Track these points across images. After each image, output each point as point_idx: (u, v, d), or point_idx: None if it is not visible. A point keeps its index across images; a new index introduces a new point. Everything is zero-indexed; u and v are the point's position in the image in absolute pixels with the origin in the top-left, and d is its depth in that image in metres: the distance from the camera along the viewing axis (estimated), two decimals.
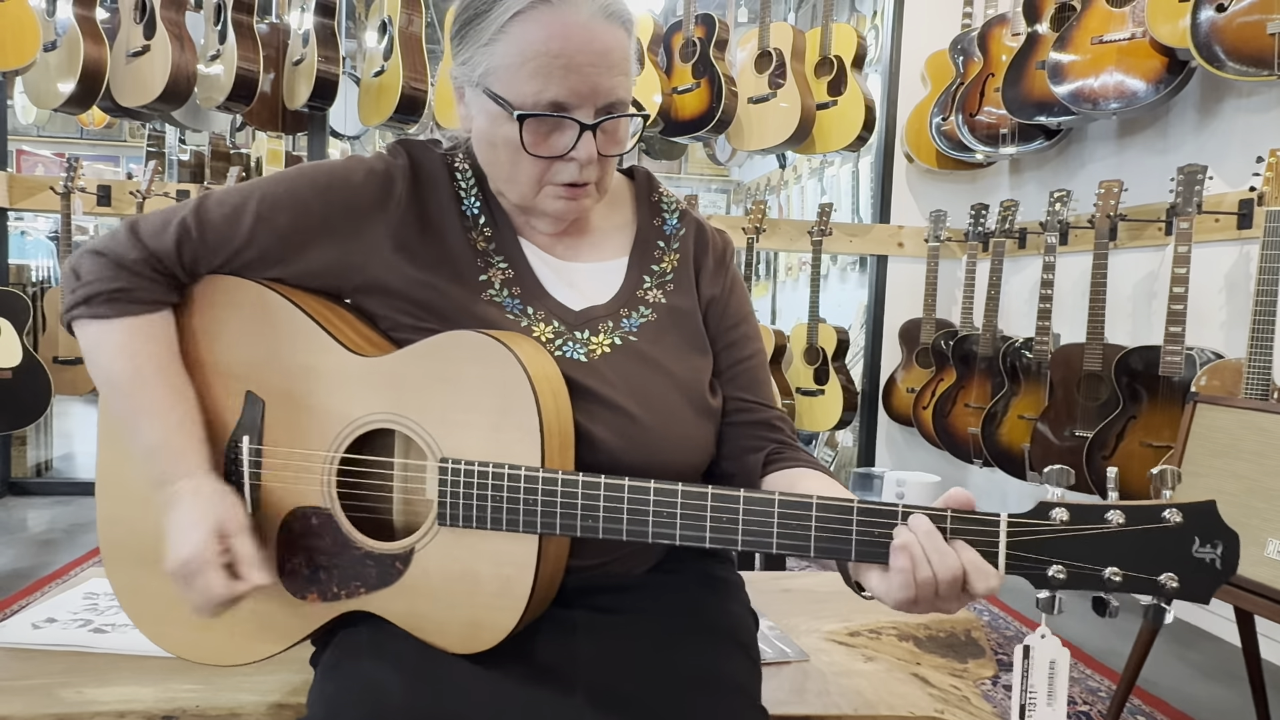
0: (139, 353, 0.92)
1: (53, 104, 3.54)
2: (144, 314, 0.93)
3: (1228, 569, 0.72)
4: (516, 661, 0.87)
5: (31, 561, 2.85)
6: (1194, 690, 2.21)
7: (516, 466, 0.84)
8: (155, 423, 0.91)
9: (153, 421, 0.91)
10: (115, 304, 0.91)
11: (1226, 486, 1.68)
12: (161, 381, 0.92)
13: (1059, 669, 0.82)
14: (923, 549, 0.76)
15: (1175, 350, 2.34)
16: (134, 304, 0.92)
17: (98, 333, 0.93)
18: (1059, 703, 0.83)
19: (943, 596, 0.76)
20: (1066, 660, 0.82)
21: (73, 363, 3.51)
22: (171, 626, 0.98)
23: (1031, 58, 2.99)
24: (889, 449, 3.99)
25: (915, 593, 0.76)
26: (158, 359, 0.93)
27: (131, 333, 0.92)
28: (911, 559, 0.76)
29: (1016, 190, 3.66)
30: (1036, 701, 0.82)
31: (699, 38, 3.62)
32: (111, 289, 0.91)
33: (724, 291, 1.05)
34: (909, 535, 0.76)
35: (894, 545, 0.77)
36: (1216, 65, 2.31)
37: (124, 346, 0.92)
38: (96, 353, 0.93)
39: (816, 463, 1.00)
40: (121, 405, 0.93)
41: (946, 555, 0.76)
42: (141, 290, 0.92)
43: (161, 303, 0.94)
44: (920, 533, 0.76)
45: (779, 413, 1.05)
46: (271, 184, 0.96)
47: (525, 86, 0.88)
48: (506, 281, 0.97)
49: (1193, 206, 2.36)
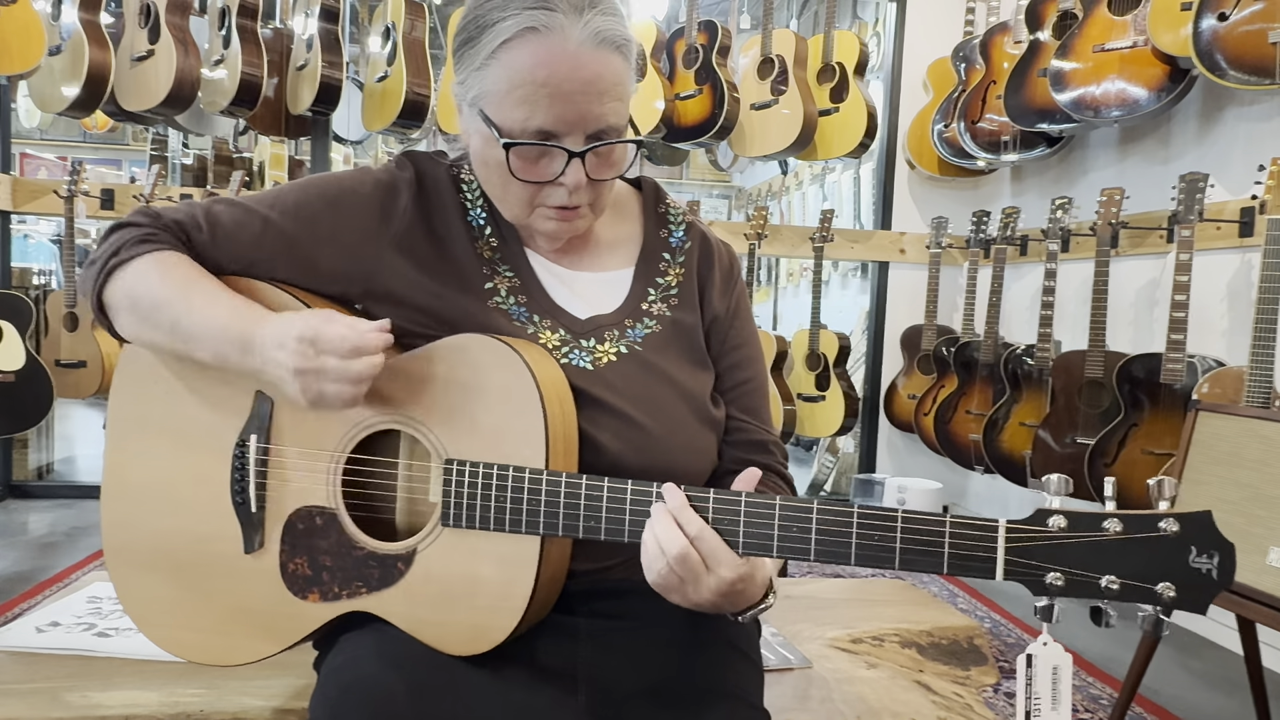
0: (180, 268, 0.92)
1: (57, 108, 3.55)
2: (175, 250, 0.94)
3: (1224, 579, 0.73)
4: (519, 666, 0.87)
5: (32, 565, 2.85)
6: (1196, 698, 2.21)
7: (520, 468, 0.85)
8: (219, 306, 0.90)
9: (216, 306, 0.90)
10: (144, 244, 0.93)
11: (1228, 495, 1.68)
12: (209, 281, 0.93)
13: (1062, 675, 0.82)
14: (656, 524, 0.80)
15: (1177, 358, 2.34)
16: (162, 244, 0.93)
17: (135, 269, 0.92)
18: (1063, 708, 0.83)
19: (683, 578, 0.80)
20: (1069, 666, 0.82)
21: (75, 366, 3.52)
22: (175, 628, 0.98)
23: (1033, 65, 2.99)
24: (890, 455, 3.99)
25: (655, 566, 0.80)
26: (199, 272, 0.94)
27: (168, 257, 0.93)
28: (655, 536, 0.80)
29: (1018, 197, 3.67)
30: (1041, 708, 0.82)
31: (702, 44, 3.63)
32: (136, 237, 0.93)
33: (728, 312, 1.05)
34: (657, 505, 0.81)
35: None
36: (1218, 74, 2.32)
37: (165, 268, 0.92)
38: (139, 283, 0.92)
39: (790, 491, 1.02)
40: (177, 311, 0.90)
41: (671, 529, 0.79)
42: (164, 237, 0.94)
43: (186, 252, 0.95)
44: (671, 505, 0.81)
45: (773, 437, 1.05)
46: (281, 193, 0.98)
47: (513, 113, 0.88)
48: (513, 289, 0.98)
49: (1194, 214, 2.36)
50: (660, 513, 0.81)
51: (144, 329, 0.93)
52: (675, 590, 0.81)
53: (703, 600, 0.81)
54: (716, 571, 0.79)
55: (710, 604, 0.81)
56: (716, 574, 0.79)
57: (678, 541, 0.79)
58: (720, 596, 0.80)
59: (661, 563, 0.80)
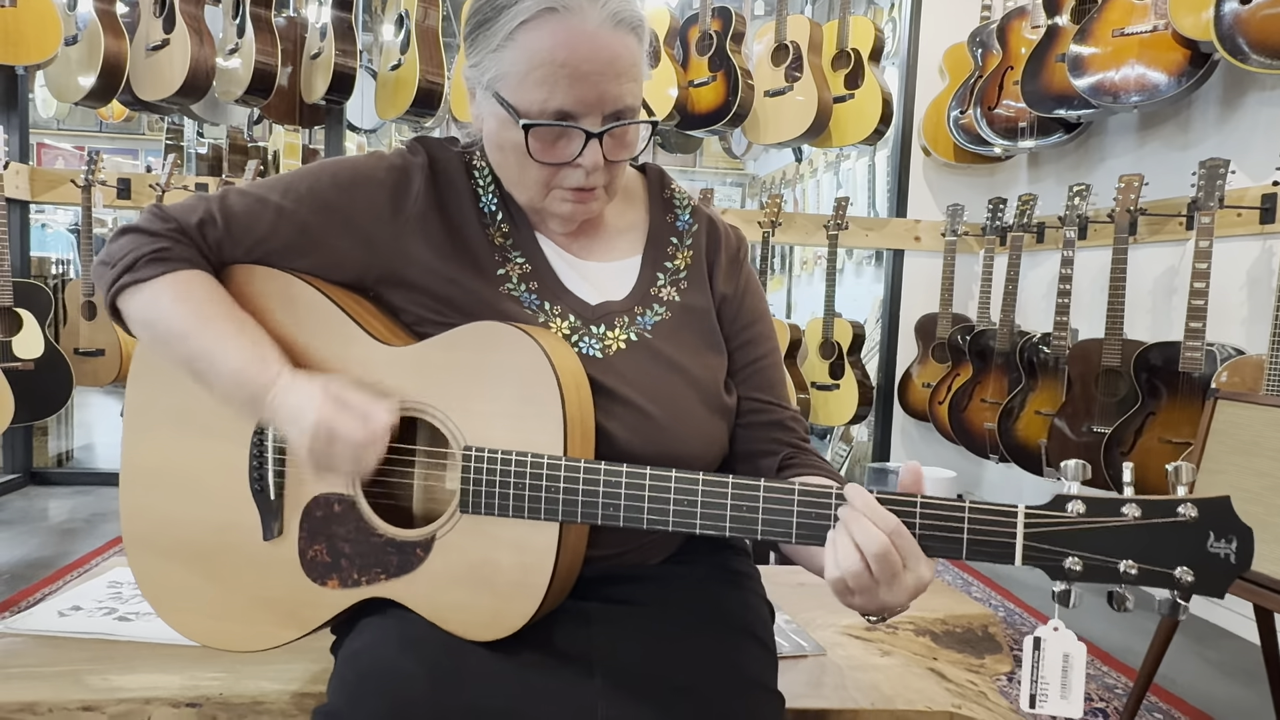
0: (195, 296, 0.93)
1: (74, 98, 3.57)
2: (188, 269, 0.94)
3: (1242, 564, 0.73)
4: (534, 651, 0.88)
5: (53, 551, 2.88)
6: (1212, 688, 2.20)
7: (539, 455, 0.85)
8: (231, 349, 0.91)
9: (228, 349, 0.91)
10: (158, 263, 0.93)
11: (1247, 484, 1.67)
12: (224, 315, 0.93)
13: (1074, 664, 0.82)
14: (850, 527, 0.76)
15: (1195, 346, 2.32)
16: (176, 261, 0.94)
17: (150, 293, 0.93)
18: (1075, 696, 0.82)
19: (879, 579, 0.75)
20: (1083, 656, 0.82)
21: (93, 354, 3.55)
22: (194, 614, 0.99)
23: (1051, 50, 2.96)
24: (904, 444, 3.98)
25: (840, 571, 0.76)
26: (214, 299, 0.94)
27: (182, 282, 0.93)
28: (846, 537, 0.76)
29: (1035, 184, 3.64)
30: (1049, 694, 0.81)
31: (715, 31, 3.61)
32: (151, 250, 0.93)
33: (738, 290, 1.05)
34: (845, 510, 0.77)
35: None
36: (1240, 58, 2.29)
37: (179, 294, 0.93)
38: (153, 310, 0.93)
39: (827, 466, 1.00)
40: (191, 349, 0.92)
41: (869, 528, 0.75)
42: (178, 250, 0.94)
43: (198, 264, 0.95)
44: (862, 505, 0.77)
45: (793, 413, 1.05)
46: (294, 179, 0.98)
47: (531, 94, 0.88)
48: (524, 276, 0.98)
49: (1214, 201, 2.33)
50: (852, 515, 0.77)
51: (158, 351, 0.97)
52: (864, 592, 0.77)
53: (894, 602, 0.77)
54: (915, 569, 0.76)
55: (900, 605, 0.78)
56: (915, 572, 0.76)
57: (878, 540, 0.75)
58: (911, 596, 0.77)
59: (857, 564, 0.75)
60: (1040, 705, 0.81)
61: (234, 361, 0.90)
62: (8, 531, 3.08)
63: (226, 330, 0.92)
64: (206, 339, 0.91)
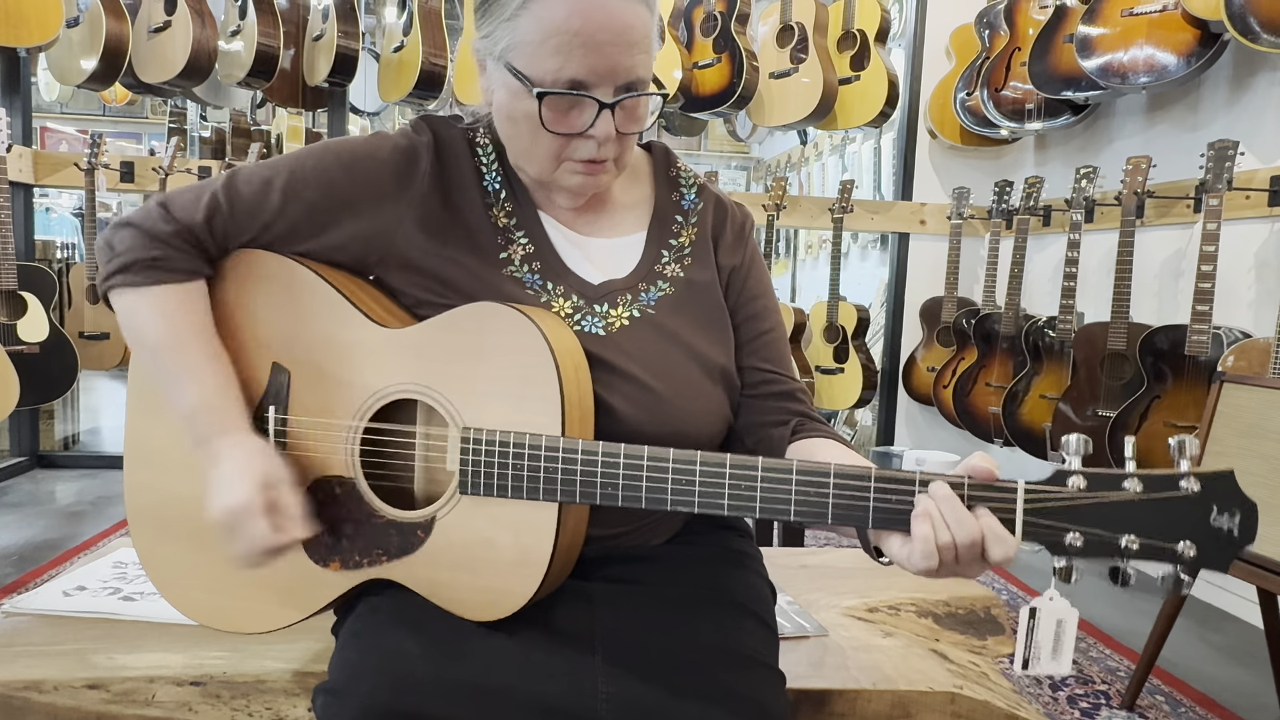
0: (176, 318, 0.93)
1: (76, 80, 3.57)
2: (179, 282, 0.94)
3: (1245, 537, 0.72)
4: (535, 630, 0.88)
5: (60, 533, 2.90)
6: (1214, 671, 2.20)
7: (538, 435, 0.85)
8: (194, 384, 0.92)
9: (191, 383, 0.92)
10: (151, 271, 0.93)
11: (1252, 467, 1.66)
12: (199, 345, 0.93)
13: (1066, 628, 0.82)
14: (942, 516, 0.76)
15: (1202, 329, 2.31)
16: (169, 272, 0.93)
17: (135, 300, 0.94)
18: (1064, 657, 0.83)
19: (962, 562, 0.76)
20: (1075, 620, 0.82)
21: (99, 338, 3.56)
22: (196, 594, 1.00)
23: (1059, 31, 2.93)
24: (909, 428, 3.97)
25: (937, 559, 0.76)
26: (194, 324, 0.94)
27: (168, 299, 0.93)
28: (932, 526, 0.76)
29: (1042, 167, 3.61)
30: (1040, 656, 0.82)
31: (720, 12, 3.58)
32: (147, 257, 0.93)
33: (743, 264, 1.05)
34: (929, 502, 0.77)
35: (915, 513, 0.77)
36: (1250, 38, 2.26)
37: (161, 312, 0.93)
38: (134, 318, 0.94)
39: (836, 434, 1.00)
40: (160, 369, 0.94)
41: (966, 521, 0.75)
42: (176, 260, 0.94)
43: (195, 273, 0.95)
44: (940, 499, 0.77)
45: (799, 385, 1.05)
46: (299, 160, 0.97)
47: (546, 63, 0.87)
48: (527, 257, 0.98)
49: (1223, 183, 2.32)
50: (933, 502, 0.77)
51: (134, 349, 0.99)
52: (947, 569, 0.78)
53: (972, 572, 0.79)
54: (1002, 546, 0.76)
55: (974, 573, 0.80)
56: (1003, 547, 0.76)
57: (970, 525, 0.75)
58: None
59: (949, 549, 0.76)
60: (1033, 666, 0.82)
61: (192, 397, 0.92)
62: (14, 514, 3.10)
63: (197, 361, 0.93)
64: (175, 363, 0.93)
